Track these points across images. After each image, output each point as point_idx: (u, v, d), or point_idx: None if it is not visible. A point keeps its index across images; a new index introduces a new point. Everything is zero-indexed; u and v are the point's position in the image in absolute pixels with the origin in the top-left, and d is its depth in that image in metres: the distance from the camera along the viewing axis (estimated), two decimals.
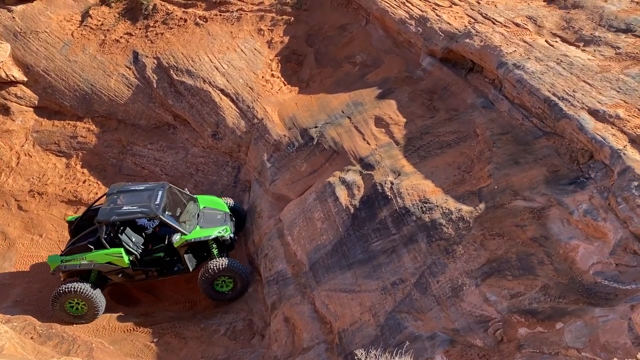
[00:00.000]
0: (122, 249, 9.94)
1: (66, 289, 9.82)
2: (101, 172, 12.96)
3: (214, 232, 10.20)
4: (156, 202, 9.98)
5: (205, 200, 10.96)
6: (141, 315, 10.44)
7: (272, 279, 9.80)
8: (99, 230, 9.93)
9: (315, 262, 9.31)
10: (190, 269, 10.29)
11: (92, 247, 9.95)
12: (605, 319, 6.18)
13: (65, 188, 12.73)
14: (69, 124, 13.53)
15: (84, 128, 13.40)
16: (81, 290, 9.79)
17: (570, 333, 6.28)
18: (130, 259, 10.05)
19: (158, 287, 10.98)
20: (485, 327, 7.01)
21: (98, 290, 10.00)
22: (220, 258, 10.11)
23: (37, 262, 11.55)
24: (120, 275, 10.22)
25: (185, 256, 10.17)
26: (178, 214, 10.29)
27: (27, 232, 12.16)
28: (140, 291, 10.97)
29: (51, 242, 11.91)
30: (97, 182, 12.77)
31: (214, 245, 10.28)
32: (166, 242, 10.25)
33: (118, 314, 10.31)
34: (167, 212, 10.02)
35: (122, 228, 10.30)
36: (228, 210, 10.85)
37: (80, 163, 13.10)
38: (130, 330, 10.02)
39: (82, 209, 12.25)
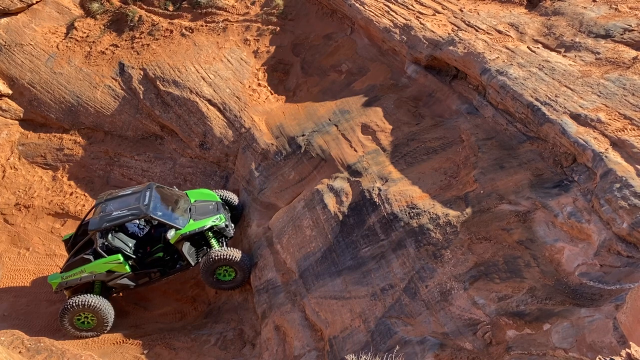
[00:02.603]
0: (119, 255, 9.91)
1: (72, 304, 9.71)
2: (88, 184, 12.90)
3: (209, 222, 10.19)
4: (145, 203, 9.97)
5: (195, 194, 10.97)
6: (130, 327, 10.38)
7: (262, 288, 9.80)
8: (94, 240, 9.88)
9: (305, 270, 9.33)
10: (192, 264, 10.25)
11: (89, 258, 9.89)
12: (591, 319, 6.27)
13: (52, 201, 12.65)
14: (55, 136, 13.47)
15: (70, 140, 13.34)
16: (87, 303, 9.69)
17: (557, 334, 6.36)
18: (130, 263, 10.02)
19: (147, 298, 10.92)
20: (474, 330, 7.07)
21: (105, 301, 9.89)
22: (220, 248, 10.13)
23: (24, 276, 11.44)
24: (123, 282, 10.13)
25: (185, 251, 10.13)
26: (170, 211, 10.26)
27: (14, 245, 12.05)
28: (129, 303, 10.90)
29: (38, 256, 11.82)
30: (84, 194, 12.71)
31: (211, 235, 10.28)
32: (163, 241, 10.22)
33: None
34: (158, 212, 10.00)
35: (114, 234, 10.20)
36: (219, 200, 10.85)
37: (67, 175, 13.03)
38: (120, 342, 9.95)
39: (70, 222, 12.19)
